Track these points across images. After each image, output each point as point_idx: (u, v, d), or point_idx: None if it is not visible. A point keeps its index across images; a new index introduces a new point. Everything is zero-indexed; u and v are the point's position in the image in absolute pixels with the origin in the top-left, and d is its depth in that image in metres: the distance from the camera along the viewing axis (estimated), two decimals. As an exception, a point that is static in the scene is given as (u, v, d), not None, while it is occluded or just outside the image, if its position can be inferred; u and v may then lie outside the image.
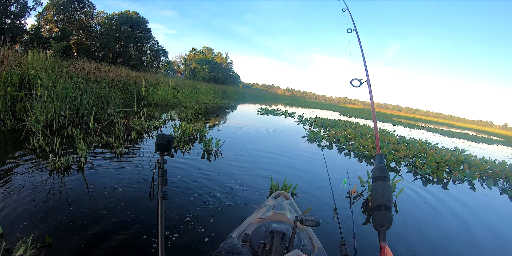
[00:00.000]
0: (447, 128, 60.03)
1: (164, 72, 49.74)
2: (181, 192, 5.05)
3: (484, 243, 5.33)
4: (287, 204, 3.11)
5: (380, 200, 1.72)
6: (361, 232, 4.74)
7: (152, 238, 3.48)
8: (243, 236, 2.12)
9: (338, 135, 15.11)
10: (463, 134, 43.22)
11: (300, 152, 10.29)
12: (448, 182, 9.36)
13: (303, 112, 33.19)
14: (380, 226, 1.64)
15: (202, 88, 32.66)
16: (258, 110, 27.29)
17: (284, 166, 7.79)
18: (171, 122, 12.03)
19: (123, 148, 6.64)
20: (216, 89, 38.59)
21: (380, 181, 1.81)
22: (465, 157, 14.13)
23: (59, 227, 3.34)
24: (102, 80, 14.43)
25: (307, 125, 20.33)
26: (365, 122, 31.53)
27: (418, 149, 14.42)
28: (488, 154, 19.63)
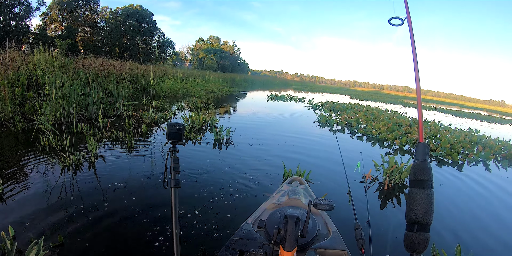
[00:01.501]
0: (459, 108, 59.42)
1: (172, 63, 49.69)
2: (195, 181, 5.06)
3: (503, 224, 5.25)
4: (302, 189, 3.06)
5: (413, 217, 1.44)
6: (375, 216, 4.68)
7: (166, 226, 3.47)
8: (258, 222, 2.10)
9: (349, 119, 15.03)
10: (475, 114, 42.69)
11: (312, 138, 10.22)
12: (463, 164, 9.23)
13: (313, 97, 33.06)
14: (411, 250, 1.44)
15: (211, 77, 32.61)
16: (268, 97, 27.22)
17: (296, 153, 7.73)
18: (181, 113, 12.08)
19: (133, 142, 6.61)
20: (224, 78, 38.51)
21: (418, 189, 1.48)
22: (479, 138, 13.94)
23: (71, 226, 3.30)
24: (110, 75, 14.40)
25: (318, 109, 20.24)
26: (376, 104, 31.37)
27: (431, 131, 14.28)
28: (502, 134, 19.33)
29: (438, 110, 40.97)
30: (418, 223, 1.42)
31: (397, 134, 11.55)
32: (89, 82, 9.65)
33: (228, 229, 3.61)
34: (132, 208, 3.88)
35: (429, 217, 1.42)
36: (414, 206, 1.44)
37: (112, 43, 46.43)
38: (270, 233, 1.97)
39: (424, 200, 1.43)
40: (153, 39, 51.94)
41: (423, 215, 1.41)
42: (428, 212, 1.42)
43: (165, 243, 3.18)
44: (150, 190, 4.50)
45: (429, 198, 1.44)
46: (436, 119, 21.58)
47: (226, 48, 79.36)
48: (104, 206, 3.83)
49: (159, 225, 3.53)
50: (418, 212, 1.42)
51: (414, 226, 1.42)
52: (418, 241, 1.40)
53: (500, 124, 30.92)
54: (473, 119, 32.75)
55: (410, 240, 1.42)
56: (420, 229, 1.41)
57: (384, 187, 5.89)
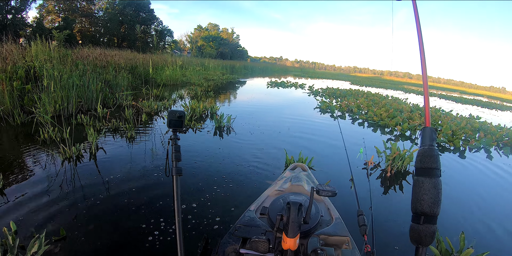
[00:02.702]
0: (459, 94, 59.28)
1: (171, 51, 49.30)
2: (197, 169, 5.05)
3: (506, 211, 5.25)
4: (305, 175, 3.05)
5: (419, 207, 1.35)
6: (378, 202, 4.67)
7: (168, 215, 3.48)
8: (261, 209, 2.04)
9: (350, 105, 15.03)
10: (476, 100, 42.53)
11: (313, 124, 10.21)
12: (465, 150, 9.24)
13: (313, 83, 32.95)
14: (417, 243, 1.36)
15: (210, 65, 32.46)
16: (268, 84, 27.15)
17: (298, 139, 7.74)
18: (181, 101, 12.06)
19: (133, 131, 6.58)
20: (224, 65, 38.30)
21: (425, 178, 1.38)
22: (481, 124, 13.93)
23: (73, 219, 3.29)
24: (109, 65, 14.32)
25: (318, 96, 20.24)
26: (376, 90, 31.35)
27: (432, 117, 14.24)
28: (503, 121, 19.30)
29: (439, 96, 40.99)
30: (424, 215, 1.34)
31: (398, 120, 11.53)
32: (87, 73, 9.58)
33: (231, 216, 3.62)
34: (134, 198, 3.88)
35: (436, 208, 1.33)
36: (421, 196, 1.35)
37: (110, 33, 46.05)
38: (273, 219, 1.98)
39: (431, 190, 1.34)
40: (151, 28, 51.50)
41: (430, 206, 1.33)
42: (435, 203, 1.33)
43: (167, 232, 3.18)
44: (151, 179, 4.49)
45: (436, 187, 1.34)
46: (437, 105, 21.56)
47: (225, 35, 78.89)
48: (106, 197, 3.82)
49: (162, 214, 3.53)
50: (424, 202, 1.33)
51: (421, 217, 1.34)
52: (424, 234, 1.33)
53: (501, 111, 30.85)
54: (474, 105, 32.69)
55: (416, 233, 1.34)
56: (426, 221, 1.33)
57: (387, 173, 5.88)
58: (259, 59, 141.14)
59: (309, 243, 1.86)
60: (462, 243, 3.44)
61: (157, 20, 52.23)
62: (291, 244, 1.50)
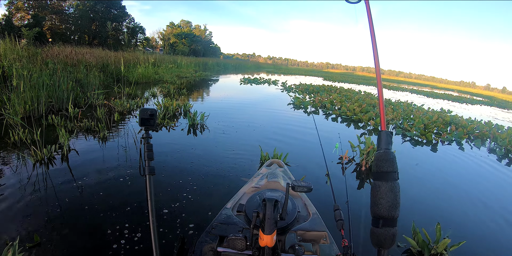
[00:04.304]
0: (431, 89, 60.70)
1: (143, 49, 48.73)
2: (171, 168, 5.04)
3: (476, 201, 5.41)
4: (281, 172, 3.08)
5: (378, 211, 1.37)
6: (354, 196, 4.75)
7: (144, 215, 3.47)
8: (238, 206, 2.06)
9: (324, 101, 15.19)
10: (446, 95, 43.57)
11: (287, 120, 10.31)
12: (437, 143, 9.47)
13: (286, 79, 33.16)
14: (378, 246, 1.37)
15: (183, 62, 32.13)
16: (241, 80, 27.11)
17: (272, 135, 7.81)
18: (153, 99, 11.92)
19: (106, 131, 6.47)
20: (197, 62, 38.03)
21: (381, 181, 1.39)
22: (452, 118, 14.35)
23: (47, 224, 3.22)
24: (80, 64, 14.09)
25: (292, 92, 20.36)
26: (349, 86, 31.81)
27: (404, 111, 14.62)
28: (474, 114, 19.97)
29: (410, 91, 41.77)
30: (383, 218, 1.35)
31: (371, 115, 11.74)
32: (58, 72, 9.37)
33: (207, 214, 3.63)
34: (108, 199, 3.83)
35: (394, 211, 1.34)
36: (378, 200, 1.37)
37: (81, 30, 45.15)
38: (249, 217, 1.98)
39: (388, 194, 1.35)
40: (123, 25, 50.73)
41: (388, 210, 1.34)
42: (393, 206, 1.34)
43: (143, 232, 3.16)
44: (125, 180, 4.44)
45: (393, 191, 1.36)
46: (409, 100, 21.95)
47: (197, 32, 78.30)
48: (79, 200, 3.76)
49: (137, 214, 3.51)
50: (382, 206, 1.35)
51: (379, 221, 1.36)
52: (384, 237, 1.34)
53: (471, 105, 31.81)
54: (445, 99, 33.52)
55: (376, 236, 1.36)
56: (385, 224, 1.35)
57: (362, 167, 5.99)
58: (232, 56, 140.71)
59: (286, 239, 1.88)
60: (438, 234, 3.54)
61: (129, 17, 51.57)
62: (268, 241, 1.51)
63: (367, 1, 1.63)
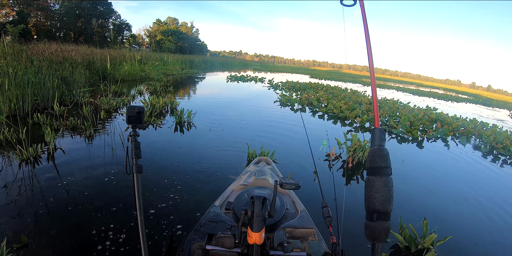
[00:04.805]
0: (417, 87, 61.27)
1: (129, 46, 48.30)
2: (159, 166, 5.02)
3: (462, 196, 5.52)
4: (269, 169, 3.07)
5: (372, 206, 1.39)
6: (342, 193, 4.77)
7: (131, 214, 3.46)
8: (226, 204, 2.05)
9: (310, 98, 15.26)
10: (432, 93, 44.19)
11: (274, 118, 10.34)
12: (423, 140, 9.60)
13: (273, 77, 33.14)
14: (372, 239, 1.40)
15: (169, 59, 31.95)
16: (228, 78, 27.00)
17: (259, 133, 7.84)
18: (140, 97, 11.85)
19: (92, 129, 6.42)
20: (183, 60, 37.79)
21: (375, 177, 1.41)
22: (437, 115, 14.55)
23: (34, 224, 3.19)
24: (65, 61, 13.95)
25: (278, 89, 20.37)
26: (335, 83, 31.90)
27: (390, 109, 14.76)
28: (459, 112, 20.25)
29: (397, 89, 42.21)
30: (377, 212, 1.37)
31: (358, 112, 11.84)
32: (43, 69, 9.27)
33: (196, 212, 3.63)
34: (96, 198, 3.81)
35: (388, 205, 1.37)
36: (372, 194, 1.39)
37: (66, 27, 44.47)
38: (238, 214, 1.95)
39: (382, 188, 1.37)
40: (109, 22, 50.11)
41: (382, 204, 1.36)
42: (387, 200, 1.37)
43: (131, 231, 3.15)
44: (112, 178, 4.41)
45: (387, 185, 1.38)
46: (395, 97, 22.16)
47: (184, 29, 77.74)
48: (66, 200, 3.73)
49: (124, 213, 3.50)
50: (376, 201, 1.37)
51: (374, 215, 1.38)
52: (378, 230, 1.36)
53: (457, 102, 32.30)
54: (431, 97, 33.97)
55: (370, 230, 1.38)
56: (380, 218, 1.37)
57: (348, 164, 6.05)
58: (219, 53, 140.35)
59: (275, 237, 1.87)
60: (425, 229, 3.61)
61: (115, 14, 50.95)
62: (256, 238, 1.51)
63: (362, 3, 1.65)
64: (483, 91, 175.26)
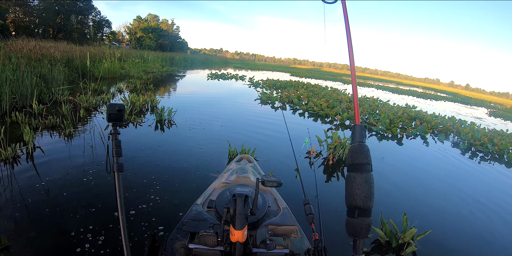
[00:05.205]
0: (396, 85, 61.89)
1: (109, 43, 47.55)
2: (138, 166, 4.96)
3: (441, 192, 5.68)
4: (251, 167, 3.08)
5: (353, 202, 1.39)
6: (323, 190, 4.85)
7: (113, 213, 3.43)
8: (208, 202, 1.96)
9: (291, 96, 15.34)
10: (411, 91, 44.81)
11: (255, 115, 10.38)
12: (402, 137, 9.79)
13: (254, 75, 33.19)
14: (354, 236, 1.39)
15: (149, 57, 31.59)
16: (208, 76, 26.89)
17: (240, 130, 7.89)
18: (120, 95, 11.74)
19: (72, 128, 6.34)
20: (163, 57, 37.43)
21: (356, 173, 1.42)
22: (417, 113, 14.84)
23: (15, 226, 3.14)
24: (44, 58, 13.68)
25: (259, 87, 20.43)
26: (316, 81, 32.06)
27: (370, 107, 14.96)
28: (438, 110, 20.67)
29: (376, 87, 42.57)
30: (358, 208, 1.37)
31: (338, 110, 11.96)
32: (21, 67, 9.08)
33: (178, 211, 3.61)
34: (77, 198, 3.77)
35: (369, 202, 1.37)
36: (354, 191, 1.38)
37: (45, 23, 43.50)
38: (220, 212, 1.94)
39: (364, 185, 1.37)
40: (88, 18, 49.32)
41: (363, 200, 1.36)
42: (368, 197, 1.37)
43: (113, 231, 3.13)
44: (93, 178, 4.36)
45: (368, 182, 1.38)
46: (375, 96, 22.37)
47: (164, 26, 77.00)
48: (47, 200, 3.67)
49: (106, 213, 3.47)
50: (357, 197, 1.37)
51: (355, 211, 1.38)
52: (360, 227, 1.36)
53: (436, 101, 32.93)
54: (410, 95, 34.49)
55: (352, 226, 1.38)
56: (361, 214, 1.37)
57: (329, 161, 6.14)
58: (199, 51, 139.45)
59: (257, 234, 1.88)
60: (405, 224, 3.69)
61: (95, 10, 50.16)
62: (239, 236, 1.52)
63: (343, 1, 1.66)
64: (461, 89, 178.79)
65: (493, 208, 5.31)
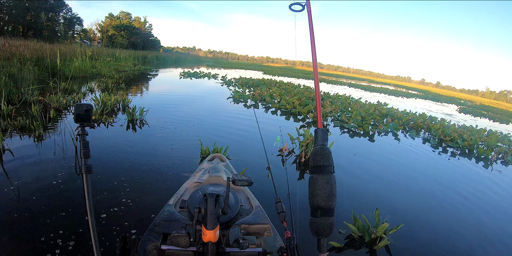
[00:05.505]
0: (368, 83, 62.82)
1: (80, 41, 46.46)
2: (108, 168, 4.89)
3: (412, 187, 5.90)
4: (223, 166, 3.09)
5: (316, 202, 1.46)
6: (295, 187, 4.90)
7: (83, 216, 3.33)
8: (180, 202, 2.04)
9: (263, 94, 15.39)
10: (383, 89, 45.51)
11: (227, 114, 10.43)
12: (374, 134, 10.01)
13: (226, 73, 33.09)
14: (317, 234, 1.46)
15: (121, 55, 31.08)
16: (181, 74, 26.76)
17: (212, 129, 7.91)
18: (91, 95, 11.51)
19: (42, 129, 6.20)
20: (136, 56, 36.97)
21: (318, 175, 1.49)
22: (388, 110, 15.16)
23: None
24: (13, 57, 13.33)
25: (231, 85, 20.45)
26: (289, 80, 32.22)
27: (342, 104, 15.13)
28: (409, 107, 21.15)
29: (349, 85, 43.11)
30: (321, 208, 1.43)
31: (310, 108, 12.09)
32: (-11, 67, 8.88)
33: (150, 213, 3.56)
34: (47, 202, 3.69)
35: (331, 202, 1.43)
36: (316, 192, 1.45)
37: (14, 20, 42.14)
38: (192, 212, 1.93)
39: (325, 186, 1.43)
40: (59, 16, 48.18)
41: (325, 200, 1.42)
42: (330, 197, 1.43)
43: (83, 236, 3.07)
44: (63, 181, 4.29)
45: (330, 183, 1.44)
46: (347, 93, 22.62)
47: (137, 24, 75.72)
48: (16, 205, 3.60)
49: (77, 216, 3.41)
50: (319, 197, 1.43)
51: (318, 211, 1.44)
52: (323, 226, 1.42)
53: (407, 98, 33.68)
54: (382, 93, 35.11)
55: (315, 225, 1.44)
56: (323, 214, 1.43)
57: (301, 159, 6.24)
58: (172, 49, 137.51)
59: (230, 234, 1.87)
60: (377, 219, 3.78)
61: (66, 7, 48.90)
62: (211, 236, 1.51)
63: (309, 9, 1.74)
64: (432, 87, 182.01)
65: (462, 201, 5.58)
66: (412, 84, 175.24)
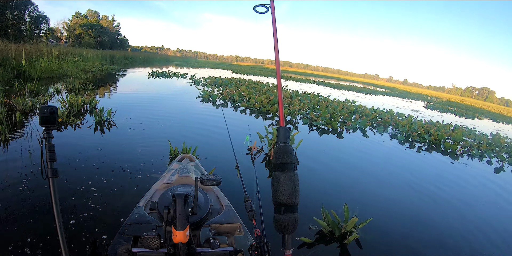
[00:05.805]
0: (336, 81, 63.50)
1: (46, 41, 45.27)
2: (76, 171, 4.79)
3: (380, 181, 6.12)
4: (192, 166, 3.09)
5: (279, 199, 1.48)
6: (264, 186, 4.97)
7: (51, 221, 3.23)
8: (150, 204, 2.04)
9: (232, 93, 15.47)
10: (351, 86, 46.23)
11: (196, 114, 10.49)
12: (342, 131, 10.25)
13: (195, 73, 32.84)
14: (281, 231, 1.48)
15: (89, 55, 30.43)
16: (149, 74, 26.47)
17: (181, 130, 7.93)
18: (58, 96, 11.29)
19: (7, 133, 6.08)
20: (103, 55, 36.26)
21: (281, 172, 1.53)
22: (356, 107, 15.46)
23: None
24: (-24, 57, 12.97)
25: (200, 85, 20.37)
26: (258, 78, 32.32)
27: (311, 102, 15.36)
28: (376, 104, 21.57)
29: (317, 83, 43.54)
30: (284, 205, 1.46)
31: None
32: (-49, 68, 8.62)
33: (120, 217, 3.53)
34: (13, 209, 3.60)
35: (294, 198, 1.45)
36: (279, 189, 1.47)
37: (-23, 19, 41.14)
38: (162, 214, 1.85)
39: (288, 182, 1.47)
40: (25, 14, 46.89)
41: (288, 197, 1.45)
42: (293, 194, 1.45)
43: (53, 242, 3.00)
44: (31, 185, 4.18)
45: (292, 179, 1.47)
46: (315, 91, 22.89)
47: (105, 23, 74.21)
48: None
49: (45, 223, 3.33)
50: (282, 194, 1.46)
51: (281, 208, 1.47)
52: (287, 222, 1.45)
53: (375, 95, 34.38)
54: (350, 91, 35.72)
55: (279, 222, 1.46)
56: (287, 211, 1.46)
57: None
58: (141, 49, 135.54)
59: (201, 234, 1.88)
60: (347, 214, 3.88)
61: (32, 5, 47.44)
62: (181, 237, 1.50)
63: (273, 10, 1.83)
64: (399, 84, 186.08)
65: (429, 193, 5.85)
66: (380, 81, 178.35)
